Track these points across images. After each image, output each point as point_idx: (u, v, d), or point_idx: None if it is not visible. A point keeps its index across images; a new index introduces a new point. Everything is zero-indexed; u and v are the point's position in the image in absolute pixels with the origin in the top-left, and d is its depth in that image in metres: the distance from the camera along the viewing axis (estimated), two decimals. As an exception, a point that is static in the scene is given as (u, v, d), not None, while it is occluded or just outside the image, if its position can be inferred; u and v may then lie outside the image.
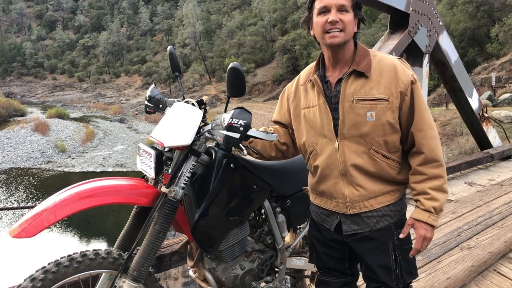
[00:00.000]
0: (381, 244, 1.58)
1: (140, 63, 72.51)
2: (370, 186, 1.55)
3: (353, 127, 1.50)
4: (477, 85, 21.89)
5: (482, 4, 27.40)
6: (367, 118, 1.48)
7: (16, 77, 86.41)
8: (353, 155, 1.52)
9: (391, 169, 1.55)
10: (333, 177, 1.59)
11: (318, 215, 1.73)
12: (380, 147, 1.51)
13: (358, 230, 1.60)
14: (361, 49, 1.55)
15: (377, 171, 1.53)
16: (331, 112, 1.54)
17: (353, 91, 1.50)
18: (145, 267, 1.59)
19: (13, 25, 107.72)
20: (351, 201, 1.57)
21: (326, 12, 1.48)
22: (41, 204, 1.49)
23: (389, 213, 1.58)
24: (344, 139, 1.53)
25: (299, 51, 43.25)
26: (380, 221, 1.57)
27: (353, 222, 1.60)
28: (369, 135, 1.49)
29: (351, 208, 1.58)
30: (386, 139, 1.50)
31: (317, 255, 1.79)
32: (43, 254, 8.34)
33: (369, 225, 1.58)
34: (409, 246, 1.61)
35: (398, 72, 1.49)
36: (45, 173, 20.98)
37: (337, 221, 1.64)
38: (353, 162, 1.52)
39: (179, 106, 1.69)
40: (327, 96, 1.56)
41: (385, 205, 1.57)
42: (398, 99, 1.48)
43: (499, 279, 2.80)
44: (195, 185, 1.74)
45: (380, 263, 1.58)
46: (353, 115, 1.50)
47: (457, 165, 5.77)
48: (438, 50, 5.68)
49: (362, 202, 1.56)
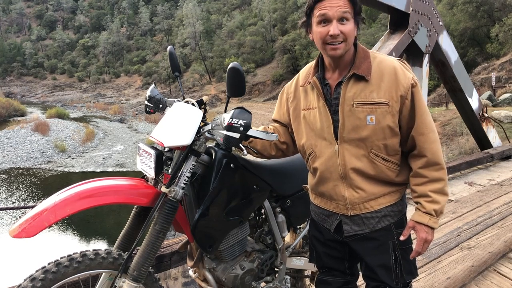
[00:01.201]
0: (381, 243, 1.58)
1: (140, 63, 72.52)
2: (370, 189, 1.55)
3: (353, 130, 1.50)
4: (477, 85, 21.89)
5: (482, 4, 27.39)
6: (367, 122, 1.47)
7: (16, 77, 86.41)
8: (353, 158, 1.52)
9: (391, 171, 1.54)
10: (332, 180, 1.59)
11: (318, 215, 1.73)
12: (380, 151, 1.51)
13: (359, 231, 1.60)
14: (361, 51, 1.53)
15: (376, 174, 1.53)
16: (331, 115, 1.53)
17: (353, 94, 1.49)
18: (145, 267, 1.59)
19: (13, 25, 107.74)
20: (351, 203, 1.57)
21: (326, 22, 1.44)
22: (41, 204, 1.49)
23: (390, 213, 1.59)
24: (343, 142, 1.52)
25: (299, 51, 43.24)
26: (380, 222, 1.58)
27: (354, 223, 1.60)
28: (368, 139, 1.49)
29: (351, 209, 1.58)
30: (386, 143, 1.50)
31: (317, 255, 1.79)
32: (43, 254, 8.34)
33: (369, 226, 1.58)
34: (409, 246, 1.62)
35: (399, 75, 1.47)
36: (45, 173, 20.98)
37: (337, 222, 1.64)
38: (353, 165, 1.52)
39: (179, 106, 1.69)
40: (326, 99, 1.55)
41: (386, 206, 1.57)
42: (398, 103, 1.47)
43: (499, 279, 2.80)
44: (195, 185, 1.73)
45: (380, 262, 1.59)
46: (353, 119, 1.49)
47: (457, 165, 5.77)
48: (438, 50, 5.68)
49: (363, 203, 1.56)
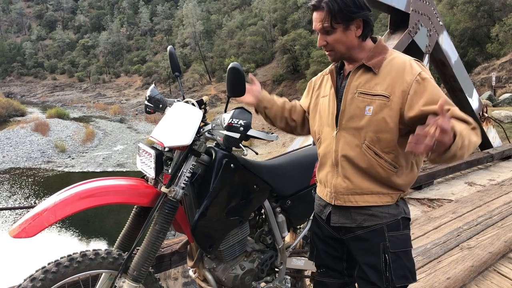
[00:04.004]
0: (372, 245, 1.56)
1: (140, 63, 72.46)
2: (357, 181, 1.54)
3: (351, 119, 1.53)
4: (477, 85, 21.88)
5: (482, 4, 27.38)
6: (365, 112, 1.49)
7: (16, 77, 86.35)
8: (346, 146, 1.54)
9: (382, 169, 1.51)
10: (327, 166, 1.62)
11: (318, 206, 1.75)
12: (373, 143, 1.50)
13: (344, 223, 1.60)
14: (380, 46, 1.55)
15: (366, 167, 1.52)
16: (337, 103, 1.58)
17: (358, 84, 1.52)
18: (145, 267, 1.59)
19: (13, 25, 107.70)
20: (337, 191, 1.58)
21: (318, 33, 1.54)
22: (41, 204, 1.49)
23: (380, 215, 1.55)
24: (342, 130, 1.55)
25: (299, 51, 43.18)
26: (368, 220, 1.56)
27: (341, 215, 1.61)
28: (363, 129, 1.50)
29: (336, 199, 1.59)
30: (379, 136, 1.49)
31: (316, 252, 1.80)
32: (43, 254, 8.34)
33: (356, 221, 1.57)
34: (402, 250, 1.57)
35: (406, 71, 1.46)
36: (45, 173, 20.98)
37: (328, 211, 1.65)
38: (345, 153, 1.54)
39: (179, 106, 1.69)
40: (336, 87, 1.61)
41: (372, 205, 1.55)
42: (400, 99, 1.44)
43: (499, 279, 2.79)
44: (195, 185, 1.73)
45: (370, 263, 1.57)
46: (353, 107, 1.52)
47: (457, 165, 5.76)
48: (438, 50, 5.68)
49: (347, 195, 1.56)
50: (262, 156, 15.80)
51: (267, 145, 21.65)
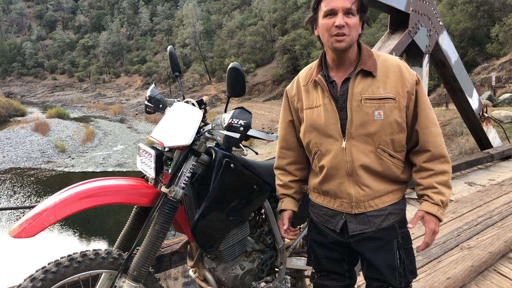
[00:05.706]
0: (386, 243, 1.58)
1: (140, 63, 72.48)
2: (375, 186, 1.55)
3: (361, 126, 1.51)
4: (477, 85, 21.88)
5: (482, 4, 27.39)
6: (375, 117, 1.49)
7: (16, 77, 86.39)
8: (361, 154, 1.52)
9: (396, 168, 1.56)
10: (338, 177, 1.58)
11: (321, 216, 1.70)
12: (387, 146, 1.52)
13: (364, 230, 1.59)
14: (365, 49, 1.57)
15: (383, 170, 1.54)
16: (338, 112, 1.54)
17: (361, 90, 1.51)
18: (145, 267, 1.59)
19: (13, 25, 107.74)
20: (357, 201, 1.57)
21: (332, 15, 1.47)
22: (41, 204, 1.49)
23: (395, 212, 1.60)
24: (351, 139, 1.53)
25: (299, 51, 43.24)
26: (386, 220, 1.58)
27: (359, 222, 1.59)
28: (376, 134, 1.50)
29: (356, 207, 1.58)
30: (393, 138, 1.52)
31: (316, 259, 1.77)
32: (43, 254, 8.34)
33: (375, 224, 1.58)
34: (410, 246, 1.63)
35: (404, 72, 1.52)
36: (45, 173, 20.98)
37: (342, 221, 1.62)
38: (361, 162, 1.52)
39: (179, 106, 1.69)
40: (333, 96, 1.55)
41: (389, 204, 1.58)
42: (405, 98, 1.51)
43: (499, 279, 2.79)
44: (195, 185, 1.73)
45: (385, 262, 1.58)
46: (361, 114, 1.50)
47: (457, 165, 5.77)
48: (438, 50, 5.68)
49: (368, 201, 1.56)
50: (262, 156, 15.81)
51: (267, 145, 21.64)
